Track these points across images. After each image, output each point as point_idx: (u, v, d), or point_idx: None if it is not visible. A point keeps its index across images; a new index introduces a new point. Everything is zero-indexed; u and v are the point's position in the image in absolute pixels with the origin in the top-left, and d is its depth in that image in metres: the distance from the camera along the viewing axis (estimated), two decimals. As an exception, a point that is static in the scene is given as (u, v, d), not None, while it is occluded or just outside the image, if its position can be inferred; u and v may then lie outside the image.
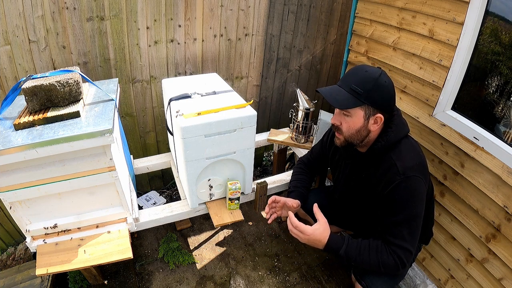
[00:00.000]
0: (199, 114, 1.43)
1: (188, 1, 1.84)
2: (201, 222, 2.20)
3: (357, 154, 1.29)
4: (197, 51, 2.02)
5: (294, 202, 1.45)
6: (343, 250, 1.19)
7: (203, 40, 2.00)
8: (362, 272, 1.32)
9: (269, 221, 1.46)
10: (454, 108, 1.53)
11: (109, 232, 1.44)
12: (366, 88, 1.10)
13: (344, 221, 1.65)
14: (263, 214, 1.49)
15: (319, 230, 1.20)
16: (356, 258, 1.19)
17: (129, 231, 1.47)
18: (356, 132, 1.17)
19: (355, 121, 1.15)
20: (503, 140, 1.31)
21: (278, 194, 2.50)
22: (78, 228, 1.41)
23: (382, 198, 1.20)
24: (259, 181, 1.78)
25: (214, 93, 1.64)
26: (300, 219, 1.70)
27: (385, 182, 1.17)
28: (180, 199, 1.78)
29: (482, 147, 1.34)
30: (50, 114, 1.20)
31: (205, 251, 1.99)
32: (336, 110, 1.20)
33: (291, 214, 1.25)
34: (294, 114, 2.08)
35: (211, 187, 1.65)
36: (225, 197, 1.71)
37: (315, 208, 1.25)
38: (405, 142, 1.20)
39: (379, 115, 1.14)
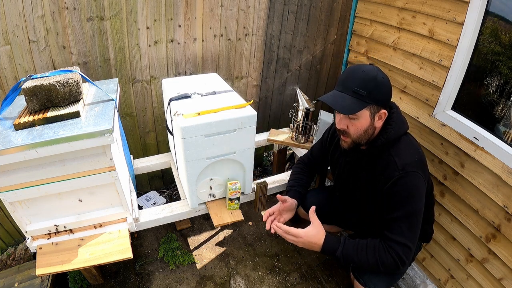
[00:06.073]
0: (199, 114, 1.43)
1: (188, 1, 1.84)
2: (201, 222, 2.20)
3: (358, 152, 1.29)
4: (197, 51, 2.01)
5: (290, 201, 1.46)
6: (339, 251, 1.20)
7: (203, 40, 2.00)
8: (360, 269, 1.32)
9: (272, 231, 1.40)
10: (454, 108, 1.53)
11: (109, 232, 1.44)
12: (368, 88, 1.09)
13: (344, 221, 1.65)
14: (265, 219, 1.46)
15: (311, 232, 1.21)
16: (353, 259, 1.19)
17: (129, 231, 1.47)
18: (364, 132, 1.18)
19: (362, 122, 1.15)
20: (503, 140, 1.31)
21: (278, 194, 2.50)
22: (78, 228, 1.41)
23: (382, 194, 1.20)
24: (259, 181, 1.78)
25: (214, 93, 1.64)
26: (300, 218, 1.71)
27: (385, 178, 1.18)
28: (180, 199, 1.78)
29: (482, 147, 1.34)
30: (50, 114, 1.20)
31: (205, 251, 1.99)
32: (341, 115, 1.18)
33: (279, 224, 1.28)
34: (294, 114, 2.08)
35: (211, 187, 1.65)
36: (225, 197, 1.71)
37: (311, 212, 1.26)
38: (404, 139, 1.21)
39: (383, 111, 1.15)
